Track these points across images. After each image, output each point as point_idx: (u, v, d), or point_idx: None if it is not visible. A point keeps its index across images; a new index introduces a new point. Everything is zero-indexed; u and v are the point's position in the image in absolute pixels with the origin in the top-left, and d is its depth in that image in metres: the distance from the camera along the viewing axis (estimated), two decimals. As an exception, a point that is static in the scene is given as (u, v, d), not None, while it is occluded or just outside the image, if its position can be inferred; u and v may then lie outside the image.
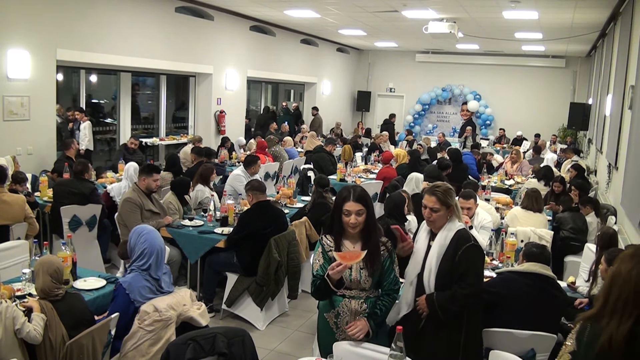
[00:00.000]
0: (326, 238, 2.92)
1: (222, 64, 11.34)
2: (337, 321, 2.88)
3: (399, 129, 16.66)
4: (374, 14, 10.20)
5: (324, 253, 2.88)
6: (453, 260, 2.86)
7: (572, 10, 8.63)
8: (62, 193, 5.54)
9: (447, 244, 2.90)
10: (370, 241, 2.83)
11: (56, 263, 3.06)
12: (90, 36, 8.11)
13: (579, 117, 12.66)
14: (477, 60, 16.30)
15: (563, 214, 5.90)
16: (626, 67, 6.90)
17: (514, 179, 8.77)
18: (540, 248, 3.43)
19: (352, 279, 2.83)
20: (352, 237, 2.87)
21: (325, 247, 2.89)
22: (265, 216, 4.83)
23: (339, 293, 2.83)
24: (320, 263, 2.86)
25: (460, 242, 2.88)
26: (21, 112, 7.23)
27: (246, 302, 4.79)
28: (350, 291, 2.86)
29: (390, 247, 2.91)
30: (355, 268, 2.82)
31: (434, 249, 2.93)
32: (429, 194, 2.98)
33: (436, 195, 2.95)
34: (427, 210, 2.97)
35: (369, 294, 2.88)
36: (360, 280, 2.84)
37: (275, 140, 9.97)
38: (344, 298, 2.86)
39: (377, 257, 2.83)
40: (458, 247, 2.86)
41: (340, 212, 2.82)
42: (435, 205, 2.93)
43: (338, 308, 2.86)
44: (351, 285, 2.85)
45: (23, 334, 2.72)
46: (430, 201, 2.95)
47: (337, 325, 2.88)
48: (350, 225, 2.80)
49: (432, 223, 2.97)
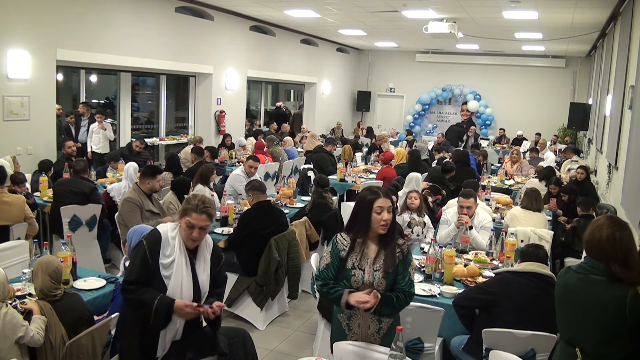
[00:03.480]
0: (342, 237, 2.85)
1: (222, 64, 11.34)
2: (349, 323, 2.84)
3: (399, 129, 16.68)
4: (374, 14, 10.20)
5: (335, 252, 2.82)
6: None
7: (572, 10, 8.63)
8: (63, 192, 5.55)
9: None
10: (391, 241, 2.80)
11: (55, 263, 3.06)
12: (90, 36, 8.11)
13: (579, 117, 12.67)
14: (477, 60, 16.30)
15: (579, 224, 5.67)
16: (626, 67, 6.90)
17: (514, 179, 8.76)
18: (536, 247, 3.44)
19: (364, 281, 2.76)
20: (373, 237, 2.81)
21: (339, 245, 2.82)
22: (265, 216, 4.83)
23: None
24: (328, 262, 2.81)
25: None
26: (21, 112, 7.23)
27: (246, 302, 4.79)
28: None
29: (405, 250, 2.84)
30: (369, 270, 2.77)
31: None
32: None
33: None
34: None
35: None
36: (373, 282, 2.75)
37: (276, 141, 9.97)
38: None
39: (393, 259, 2.77)
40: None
41: (370, 211, 2.75)
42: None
43: (351, 310, 2.80)
44: (363, 287, 2.76)
45: (26, 339, 2.71)
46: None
47: (349, 327, 2.84)
48: (382, 222, 2.74)
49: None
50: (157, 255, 2.84)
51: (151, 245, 2.85)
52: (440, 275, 3.93)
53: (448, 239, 4.71)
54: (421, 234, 5.11)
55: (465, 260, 4.32)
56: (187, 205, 2.89)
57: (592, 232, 2.42)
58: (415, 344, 3.31)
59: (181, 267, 2.87)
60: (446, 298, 3.62)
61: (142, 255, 2.85)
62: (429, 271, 3.98)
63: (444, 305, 3.39)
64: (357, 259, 2.78)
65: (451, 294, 3.63)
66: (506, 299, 3.18)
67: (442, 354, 3.56)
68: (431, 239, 4.25)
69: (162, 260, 2.84)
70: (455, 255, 4.04)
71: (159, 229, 2.93)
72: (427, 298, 3.59)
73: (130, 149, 8.17)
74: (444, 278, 3.90)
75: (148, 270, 2.83)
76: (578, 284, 2.43)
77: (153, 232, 2.93)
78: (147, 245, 2.85)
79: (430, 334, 3.31)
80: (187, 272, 2.89)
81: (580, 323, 2.41)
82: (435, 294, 3.66)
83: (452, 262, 3.94)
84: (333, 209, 5.88)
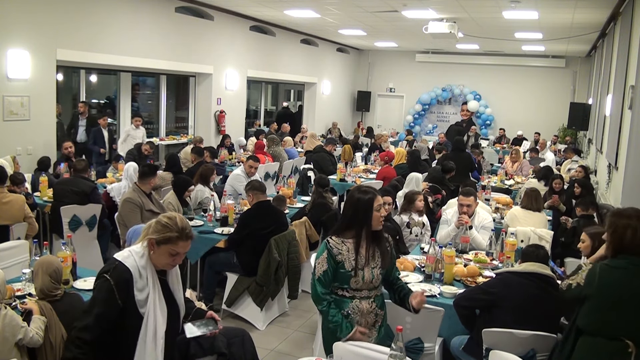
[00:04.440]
0: (333, 240, 2.86)
1: (222, 64, 11.34)
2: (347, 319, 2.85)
3: (399, 129, 16.67)
4: (374, 14, 10.20)
5: (330, 257, 2.81)
6: None
7: (572, 10, 8.63)
8: (63, 192, 5.54)
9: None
10: (382, 236, 2.93)
11: (55, 263, 3.06)
12: (90, 36, 8.11)
13: (579, 117, 12.66)
14: (477, 60, 16.29)
15: (579, 224, 5.62)
16: (626, 67, 6.90)
17: (514, 179, 8.77)
18: (536, 247, 3.44)
19: (365, 280, 2.83)
20: (366, 236, 2.87)
21: (334, 250, 2.82)
22: (265, 216, 4.83)
23: (348, 295, 2.85)
24: (324, 269, 2.81)
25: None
26: (21, 112, 7.23)
27: (246, 302, 4.79)
28: (360, 292, 2.85)
29: (391, 242, 3.02)
30: (368, 269, 2.83)
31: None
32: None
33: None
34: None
35: (377, 292, 2.91)
36: (372, 280, 2.85)
37: (276, 141, 9.97)
38: (353, 300, 2.85)
39: (389, 254, 2.92)
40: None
41: (370, 210, 2.82)
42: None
43: (347, 309, 2.84)
44: (362, 286, 2.84)
45: (26, 340, 2.71)
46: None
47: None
48: (381, 218, 2.87)
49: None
50: (131, 293, 2.49)
51: (121, 286, 2.47)
52: (440, 275, 3.93)
53: (448, 239, 4.71)
54: (420, 234, 5.11)
55: (465, 260, 4.32)
56: (169, 234, 2.52)
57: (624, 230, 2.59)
58: (415, 344, 3.31)
59: (155, 299, 2.55)
60: (446, 298, 3.62)
61: (107, 301, 2.46)
62: (429, 271, 3.98)
63: (444, 305, 3.39)
64: (356, 260, 2.81)
65: (451, 294, 3.63)
66: (507, 299, 3.18)
67: (442, 354, 3.56)
68: (431, 239, 4.25)
69: (138, 297, 2.50)
70: (455, 255, 4.03)
71: (124, 262, 2.52)
72: (427, 298, 3.58)
73: (140, 153, 8.15)
74: (444, 278, 3.90)
75: (112, 317, 2.48)
76: (623, 279, 2.55)
77: (119, 269, 2.51)
78: (115, 288, 2.46)
79: (430, 334, 3.32)
80: (161, 300, 2.58)
81: (630, 316, 2.52)
82: (435, 294, 3.66)
83: (452, 262, 3.94)
84: (333, 209, 5.88)
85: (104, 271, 2.53)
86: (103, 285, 2.49)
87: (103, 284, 2.49)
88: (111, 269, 2.52)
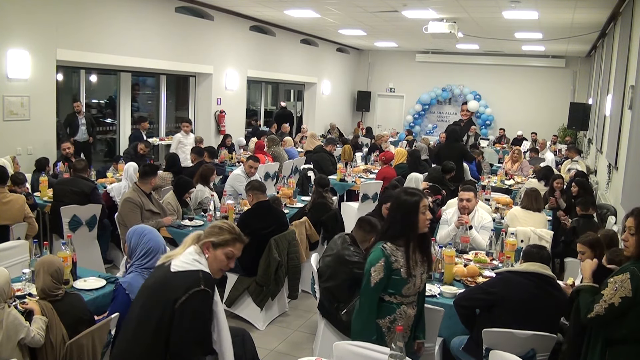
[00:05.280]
0: (389, 247, 2.78)
1: (222, 64, 11.34)
2: (390, 326, 2.85)
3: (399, 129, 16.68)
4: (374, 14, 10.20)
5: (388, 264, 2.74)
6: None
7: (572, 10, 8.63)
8: (63, 192, 5.54)
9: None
10: (429, 240, 2.93)
11: (57, 263, 3.06)
12: (90, 36, 8.11)
13: (579, 117, 12.65)
14: (477, 60, 16.30)
15: (579, 224, 5.63)
16: (626, 67, 6.90)
17: (514, 179, 8.77)
18: (539, 248, 3.44)
19: (415, 286, 2.83)
20: (415, 241, 2.82)
21: (391, 258, 2.75)
22: (265, 216, 4.83)
23: (395, 301, 2.82)
24: (380, 277, 2.73)
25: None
26: (21, 112, 7.23)
27: (246, 302, 4.79)
28: (408, 298, 2.85)
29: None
30: (418, 275, 2.82)
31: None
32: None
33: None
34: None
35: (417, 296, 2.92)
36: (420, 285, 2.87)
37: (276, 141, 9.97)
38: (401, 305, 2.84)
39: (432, 257, 2.97)
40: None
41: (417, 213, 2.74)
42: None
43: (395, 314, 2.83)
44: (412, 292, 2.83)
45: (28, 340, 2.71)
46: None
47: (389, 329, 2.85)
48: (427, 221, 2.79)
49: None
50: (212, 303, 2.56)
51: (213, 291, 2.53)
52: (440, 275, 3.93)
53: (448, 239, 4.71)
54: None
55: (465, 260, 4.32)
56: (227, 236, 2.63)
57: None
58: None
59: (217, 300, 2.63)
60: (446, 298, 3.62)
61: (206, 307, 2.51)
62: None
63: (444, 305, 3.39)
64: (409, 266, 2.78)
65: (451, 294, 3.63)
66: (507, 299, 3.18)
67: (442, 354, 3.56)
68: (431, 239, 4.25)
69: (215, 308, 2.59)
70: (455, 255, 4.04)
71: (205, 269, 2.55)
72: (427, 298, 3.58)
73: (136, 152, 8.15)
74: (444, 278, 3.91)
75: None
76: None
77: (207, 276, 2.54)
78: (211, 292, 2.51)
79: (430, 334, 3.31)
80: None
81: None
82: (435, 294, 3.66)
83: (452, 262, 3.94)
84: (333, 209, 5.88)
85: (192, 284, 2.47)
86: (205, 297, 2.50)
87: (205, 296, 2.50)
88: (201, 280, 2.52)
